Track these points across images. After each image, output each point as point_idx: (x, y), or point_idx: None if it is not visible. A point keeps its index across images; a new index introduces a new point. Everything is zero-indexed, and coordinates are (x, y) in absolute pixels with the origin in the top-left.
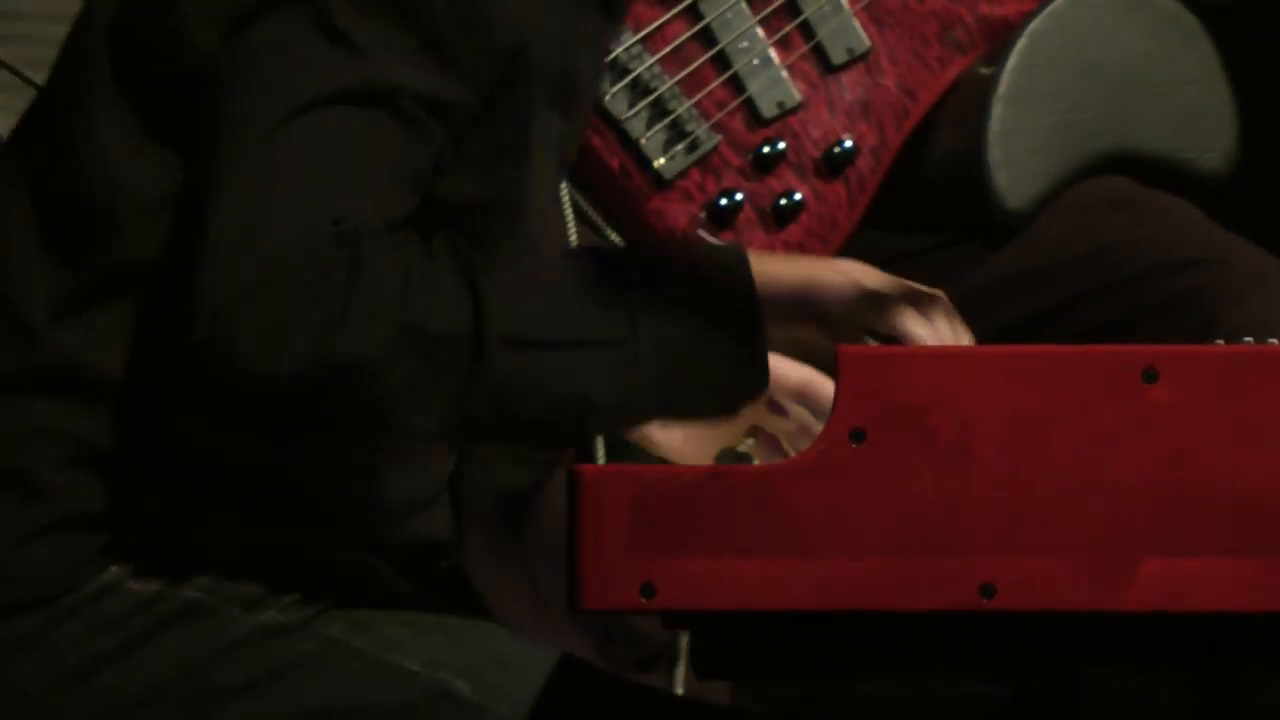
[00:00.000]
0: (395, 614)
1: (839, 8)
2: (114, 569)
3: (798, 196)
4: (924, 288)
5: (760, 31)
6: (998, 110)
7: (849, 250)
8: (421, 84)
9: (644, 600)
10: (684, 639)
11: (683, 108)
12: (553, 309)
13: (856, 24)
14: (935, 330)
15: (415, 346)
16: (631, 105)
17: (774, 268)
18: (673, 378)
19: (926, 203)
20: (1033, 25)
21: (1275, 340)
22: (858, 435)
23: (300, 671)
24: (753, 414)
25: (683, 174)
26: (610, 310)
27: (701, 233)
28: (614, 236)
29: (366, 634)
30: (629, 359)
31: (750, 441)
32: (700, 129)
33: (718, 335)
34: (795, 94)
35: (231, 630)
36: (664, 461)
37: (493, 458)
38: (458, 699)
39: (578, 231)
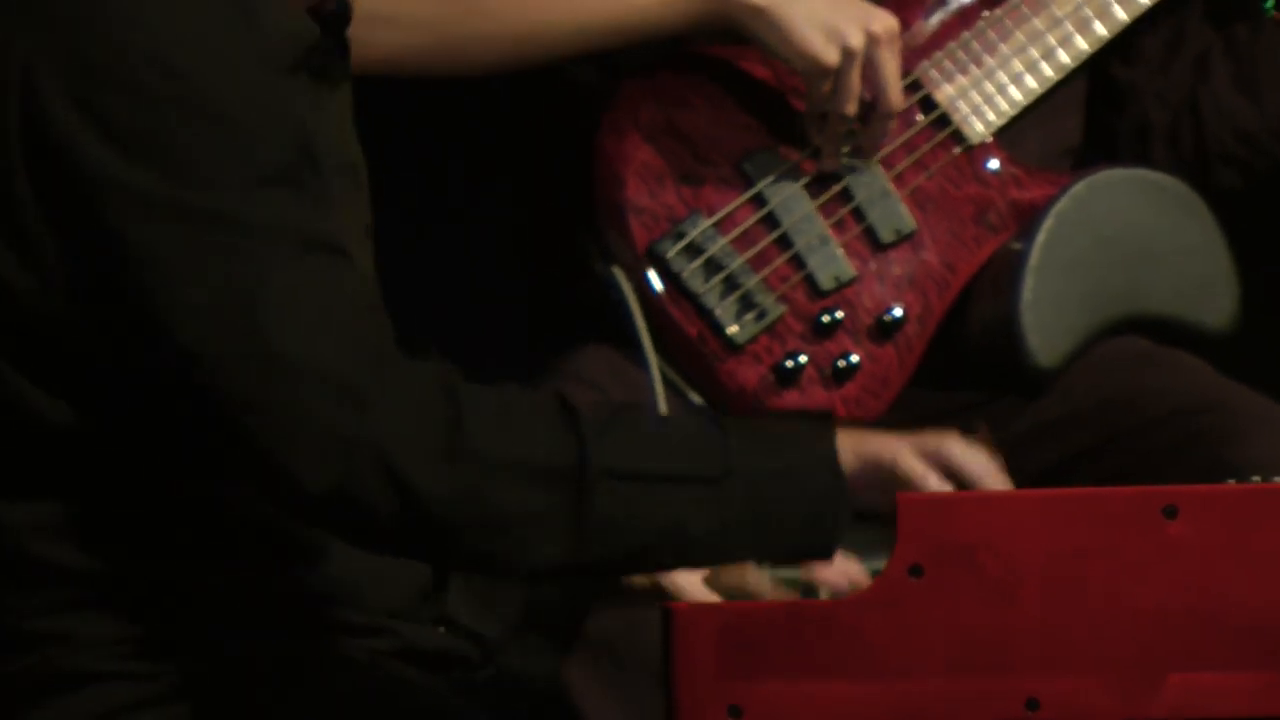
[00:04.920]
0: None
1: (886, 194)
2: None
3: (854, 359)
4: (948, 440)
5: (818, 215)
6: (1029, 281)
7: (898, 406)
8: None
9: None
10: None
11: (751, 282)
12: (650, 445)
13: (903, 208)
14: (979, 458)
15: (525, 479)
16: (707, 280)
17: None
18: (767, 515)
19: (968, 362)
20: (1057, 206)
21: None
22: (916, 571)
23: None
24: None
25: (753, 339)
26: (705, 449)
27: None
28: (694, 397)
29: None
30: (724, 495)
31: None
32: (768, 300)
33: (807, 474)
34: (850, 269)
35: None
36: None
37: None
38: None
39: (665, 393)
